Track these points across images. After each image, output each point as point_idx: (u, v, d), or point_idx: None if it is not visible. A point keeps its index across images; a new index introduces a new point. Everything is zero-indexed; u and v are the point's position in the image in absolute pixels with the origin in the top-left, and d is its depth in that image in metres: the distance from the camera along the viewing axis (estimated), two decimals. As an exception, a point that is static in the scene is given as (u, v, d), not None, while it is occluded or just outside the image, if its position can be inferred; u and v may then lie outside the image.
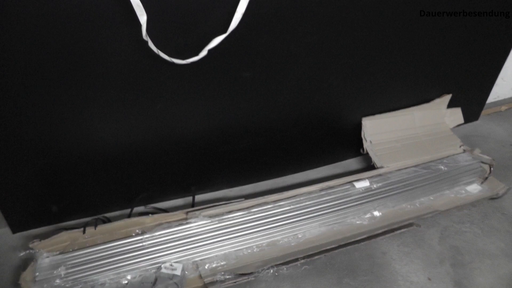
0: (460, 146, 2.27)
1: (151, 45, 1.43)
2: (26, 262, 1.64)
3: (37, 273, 1.55)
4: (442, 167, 2.11)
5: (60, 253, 1.63)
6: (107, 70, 1.54)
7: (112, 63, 1.52)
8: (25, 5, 1.29)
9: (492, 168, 2.12)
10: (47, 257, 1.61)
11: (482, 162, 2.16)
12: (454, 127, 2.44)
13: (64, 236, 1.66)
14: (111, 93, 1.60)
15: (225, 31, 1.50)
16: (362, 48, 1.94)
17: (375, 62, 2.03)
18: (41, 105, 1.54)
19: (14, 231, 1.87)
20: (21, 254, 1.62)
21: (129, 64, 1.54)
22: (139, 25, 1.36)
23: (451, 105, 2.39)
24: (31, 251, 1.62)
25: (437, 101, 2.36)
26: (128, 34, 1.45)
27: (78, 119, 1.63)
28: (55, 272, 1.55)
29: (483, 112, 2.75)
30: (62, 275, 1.55)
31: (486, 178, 2.11)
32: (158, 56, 1.47)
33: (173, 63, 1.51)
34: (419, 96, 2.34)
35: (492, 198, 2.06)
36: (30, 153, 1.66)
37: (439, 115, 2.39)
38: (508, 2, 2.12)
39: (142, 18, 1.34)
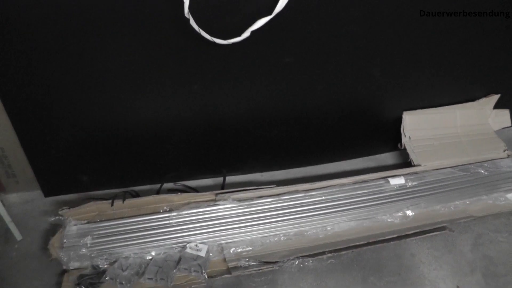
0: (504, 151, 2.16)
1: (192, 23, 1.39)
2: (55, 228, 1.68)
3: (65, 240, 1.58)
4: (482, 171, 2.02)
5: (88, 222, 1.65)
6: (146, 47, 1.52)
7: (152, 40, 1.50)
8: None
9: (536, 177, 2.01)
10: (75, 225, 1.64)
11: (527, 170, 2.06)
12: (499, 130, 2.32)
13: (93, 206, 1.67)
14: (148, 70, 1.59)
15: (270, 13, 1.45)
16: (408, 40, 1.85)
17: (420, 56, 1.94)
18: (84, 81, 1.56)
19: (46, 195, 1.90)
20: (51, 219, 1.65)
21: (169, 41, 1.52)
22: (181, 2, 1.32)
23: (498, 106, 2.28)
24: (60, 217, 1.64)
25: (483, 100, 2.24)
26: (169, 11, 1.42)
27: (116, 96, 1.64)
28: (81, 241, 1.58)
29: (533, 116, 2.61)
30: (88, 245, 1.58)
31: (529, 187, 2.01)
32: (199, 35, 1.43)
33: (214, 43, 1.47)
34: (464, 94, 2.23)
35: (534, 209, 1.96)
36: (69, 125, 1.68)
37: (483, 116, 2.28)
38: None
39: (186, -6, 1.31)
